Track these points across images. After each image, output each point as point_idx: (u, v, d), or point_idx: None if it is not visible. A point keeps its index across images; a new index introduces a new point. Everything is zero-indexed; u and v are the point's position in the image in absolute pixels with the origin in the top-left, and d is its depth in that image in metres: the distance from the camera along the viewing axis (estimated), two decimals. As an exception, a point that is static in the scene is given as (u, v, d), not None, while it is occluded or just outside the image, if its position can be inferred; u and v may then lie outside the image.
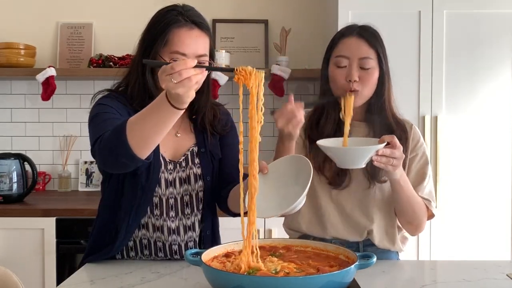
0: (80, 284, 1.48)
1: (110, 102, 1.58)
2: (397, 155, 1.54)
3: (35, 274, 2.77)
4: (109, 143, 1.38)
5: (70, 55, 3.37)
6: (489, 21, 2.81)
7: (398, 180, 1.61)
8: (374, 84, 1.69)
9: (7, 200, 2.97)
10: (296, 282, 1.19)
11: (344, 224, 1.71)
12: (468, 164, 2.83)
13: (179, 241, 1.66)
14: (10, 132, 3.43)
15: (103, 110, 1.55)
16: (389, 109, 1.72)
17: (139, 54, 1.62)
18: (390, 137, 1.55)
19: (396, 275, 1.61)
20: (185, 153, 1.67)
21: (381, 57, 1.68)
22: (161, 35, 1.55)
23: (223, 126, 1.75)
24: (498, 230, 2.83)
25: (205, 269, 1.27)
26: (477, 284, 1.46)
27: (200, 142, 1.70)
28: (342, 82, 1.67)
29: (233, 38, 3.40)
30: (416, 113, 2.82)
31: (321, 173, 1.71)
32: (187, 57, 1.54)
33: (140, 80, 1.60)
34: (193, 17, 1.58)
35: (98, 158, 1.46)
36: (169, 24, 1.55)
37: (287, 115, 1.53)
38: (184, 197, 1.66)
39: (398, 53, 2.78)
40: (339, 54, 1.69)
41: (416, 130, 1.78)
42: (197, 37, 1.57)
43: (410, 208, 1.67)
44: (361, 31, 1.70)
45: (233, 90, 3.43)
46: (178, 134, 1.69)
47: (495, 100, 2.83)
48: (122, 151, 1.35)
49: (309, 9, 3.44)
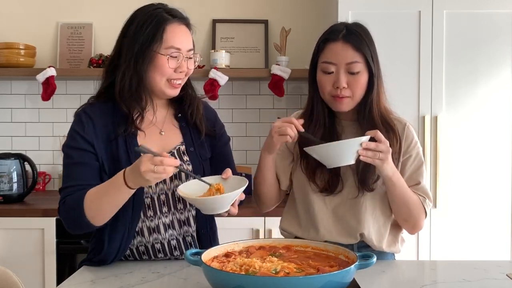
0: (80, 284, 1.48)
1: (79, 127, 1.61)
2: (383, 149, 1.54)
3: (35, 274, 2.77)
4: (69, 214, 1.55)
5: (70, 55, 3.37)
6: (489, 21, 2.81)
7: (390, 177, 1.60)
8: (363, 87, 1.66)
9: (7, 200, 2.97)
10: (296, 282, 1.19)
11: (336, 227, 1.70)
12: (468, 164, 2.83)
13: (176, 235, 1.66)
14: (10, 132, 3.44)
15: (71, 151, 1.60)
16: (377, 110, 1.69)
17: (130, 52, 1.60)
18: (373, 132, 1.55)
19: (396, 275, 1.62)
20: (171, 150, 1.68)
21: (368, 59, 1.64)
22: (157, 32, 1.58)
23: (211, 126, 1.77)
24: (498, 230, 2.83)
25: (205, 269, 1.28)
26: (477, 284, 1.46)
27: (187, 141, 1.71)
28: (329, 88, 1.65)
29: (233, 38, 3.40)
30: (416, 113, 2.82)
31: (312, 181, 1.70)
32: (181, 51, 1.60)
33: (133, 79, 1.60)
34: (178, 13, 1.65)
35: (62, 221, 1.60)
36: (162, 21, 1.59)
37: (284, 128, 1.57)
38: (175, 192, 1.65)
39: (398, 53, 2.81)
40: (325, 60, 1.65)
41: (409, 130, 1.74)
42: (185, 32, 1.64)
43: (404, 206, 1.67)
44: (347, 35, 1.64)
45: (233, 90, 3.44)
46: (162, 132, 1.70)
47: (495, 100, 2.83)
48: (80, 222, 1.53)
49: (309, 9, 3.45)
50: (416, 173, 1.73)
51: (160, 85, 1.62)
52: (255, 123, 3.44)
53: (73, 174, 1.58)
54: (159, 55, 1.58)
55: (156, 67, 1.59)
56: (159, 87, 1.62)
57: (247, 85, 3.45)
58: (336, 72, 1.64)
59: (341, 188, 1.69)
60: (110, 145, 1.61)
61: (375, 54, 1.67)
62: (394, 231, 1.75)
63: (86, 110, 1.65)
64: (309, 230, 1.72)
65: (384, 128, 1.67)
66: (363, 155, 1.53)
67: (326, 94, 1.67)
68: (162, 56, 1.58)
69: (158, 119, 1.70)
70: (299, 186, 1.76)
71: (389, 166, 1.58)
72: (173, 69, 1.60)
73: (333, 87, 1.64)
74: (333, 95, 1.65)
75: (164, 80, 1.61)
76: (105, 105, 1.65)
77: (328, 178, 1.68)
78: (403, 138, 1.72)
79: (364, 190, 1.67)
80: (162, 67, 1.59)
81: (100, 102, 1.67)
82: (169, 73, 1.61)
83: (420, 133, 2.80)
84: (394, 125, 1.71)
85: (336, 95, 1.64)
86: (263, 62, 3.38)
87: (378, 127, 1.66)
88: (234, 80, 3.34)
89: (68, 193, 1.56)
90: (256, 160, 1.85)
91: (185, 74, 1.64)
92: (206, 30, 3.36)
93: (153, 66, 1.60)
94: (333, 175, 1.68)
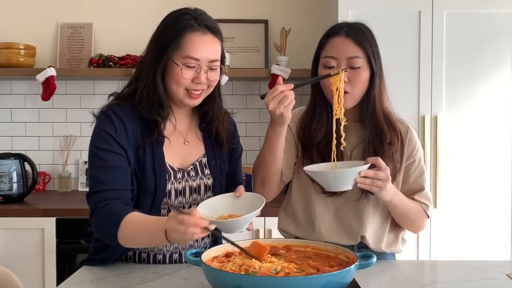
0: (80, 284, 1.48)
1: (111, 129, 1.53)
2: (381, 177, 1.53)
3: (35, 274, 2.77)
4: (103, 225, 1.49)
5: (70, 55, 3.37)
6: (489, 21, 2.81)
7: (390, 201, 1.61)
8: (364, 83, 1.65)
9: (7, 200, 2.97)
10: (296, 282, 1.19)
11: (337, 228, 1.70)
12: (468, 164, 2.83)
13: (180, 249, 1.64)
14: (10, 132, 3.43)
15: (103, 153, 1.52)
16: (380, 109, 1.68)
17: (151, 58, 1.56)
18: (374, 159, 1.54)
19: (396, 275, 1.61)
20: (193, 162, 1.65)
21: (370, 56, 1.63)
22: (175, 40, 1.51)
23: (230, 139, 1.73)
24: (498, 230, 2.83)
25: (205, 269, 1.27)
26: (477, 284, 1.46)
27: (210, 154, 1.67)
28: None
29: (233, 38, 3.40)
30: (416, 113, 2.82)
31: (315, 183, 1.68)
32: (200, 61, 1.53)
33: (151, 85, 1.55)
34: (206, 21, 1.55)
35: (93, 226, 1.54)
36: (182, 29, 1.52)
37: (278, 96, 1.50)
38: (192, 206, 1.62)
39: (398, 53, 2.80)
40: (326, 54, 1.65)
41: (412, 134, 1.73)
42: (210, 42, 1.55)
43: (406, 220, 1.70)
44: (348, 30, 1.64)
45: (233, 90, 3.44)
46: (187, 141, 1.66)
47: (495, 100, 2.83)
48: (110, 236, 1.47)
49: (309, 9, 3.44)
50: (421, 178, 1.73)
51: (178, 94, 1.56)
52: (255, 123, 3.44)
53: (107, 178, 1.51)
54: (174, 64, 1.52)
55: (171, 76, 1.53)
56: (177, 96, 1.56)
57: (247, 85, 3.45)
58: (337, 67, 1.63)
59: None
60: (138, 152, 1.56)
61: (377, 53, 1.67)
62: (394, 232, 1.75)
63: (116, 111, 1.56)
64: (308, 230, 1.72)
65: (386, 126, 1.66)
66: (361, 183, 1.52)
67: (328, 89, 1.65)
68: (176, 65, 1.52)
69: (183, 127, 1.66)
70: (299, 185, 1.75)
71: (388, 192, 1.58)
72: (190, 79, 1.53)
73: None
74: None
75: (182, 89, 1.54)
76: (133, 109, 1.57)
77: None
78: (406, 142, 1.71)
79: (367, 192, 1.66)
80: (176, 76, 1.52)
81: (128, 104, 1.59)
82: (186, 84, 1.53)
83: (420, 133, 2.80)
84: (396, 125, 1.71)
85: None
86: (263, 62, 3.38)
87: (381, 126, 1.66)
88: (234, 80, 3.33)
89: (102, 198, 1.49)
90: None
91: (206, 85, 1.56)
92: (206, 30, 3.36)
93: (169, 74, 1.54)
94: None
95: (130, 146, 1.54)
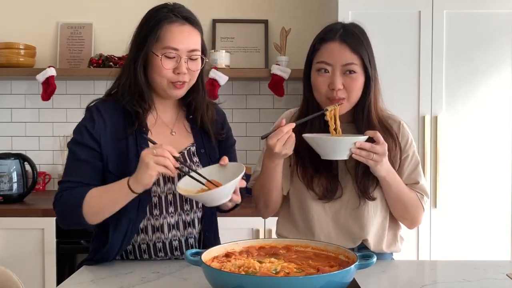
0: (80, 284, 1.48)
1: (89, 124, 1.60)
2: (378, 150, 1.53)
3: (35, 274, 2.77)
4: (65, 206, 1.55)
5: (70, 55, 3.37)
6: (489, 21, 2.81)
7: (384, 177, 1.60)
8: (359, 89, 1.62)
9: (7, 200, 2.97)
10: (296, 282, 1.19)
11: (337, 234, 1.68)
12: (468, 164, 2.83)
13: (179, 236, 1.66)
14: (10, 132, 3.43)
15: (76, 146, 1.60)
16: (375, 112, 1.66)
17: (132, 52, 1.63)
18: (373, 133, 1.54)
19: (396, 275, 1.61)
20: (181, 150, 1.67)
21: (366, 62, 1.61)
22: (153, 31, 1.57)
23: (219, 130, 1.75)
24: (498, 230, 2.83)
25: (205, 269, 1.27)
26: (477, 284, 1.46)
27: (198, 142, 1.70)
28: (325, 89, 1.61)
29: (233, 38, 3.40)
30: (416, 113, 2.82)
31: (310, 189, 1.67)
32: (179, 51, 1.57)
33: (132, 77, 1.61)
34: (184, 13, 1.61)
35: (56, 215, 1.61)
36: (160, 21, 1.58)
37: (283, 138, 1.51)
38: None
39: (398, 53, 2.80)
40: (321, 60, 1.62)
41: (404, 129, 1.72)
42: (188, 32, 1.60)
43: (401, 204, 1.67)
44: (343, 35, 1.60)
45: (233, 90, 3.44)
46: (173, 132, 1.69)
47: (495, 100, 2.83)
48: (73, 216, 1.53)
49: (309, 9, 3.45)
50: (414, 172, 1.72)
51: (162, 85, 1.61)
52: (255, 123, 3.44)
53: (75, 171, 1.59)
54: (154, 55, 1.57)
55: (153, 68, 1.59)
56: (162, 87, 1.61)
57: (247, 85, 3.45)
58: (332, 73, 1.61)
59: (340, 193, 1.67)
60: (120, 144, 1.60)
61: (372, 57, 1.64)
62: (392, 230, 1.74)
63: (99, 107, 1.64)
64: (307, 236, 1.70)
65: (382, 131, 1.64)
66: (356, 154, 1.52)
67: (321, 96, 1.64)
68: (156, 56, 1.57)
69: (169, 119, 1.70)
70: (296, 193, 1.73)
71: (383, 167, 1.57)
72: (171, 70, 1.58)
73: (328, 88, 1.61)
74: (328, 97, 1.62)
75: (165, 81, 1.60)
76: (117, 103, 1.64)
77: (327, 184, 1.66)
78: (399, 137, 1.70)
79: (365, 199, 1.66)
80: (157, 67, 1.58)
81: (113, 99, 1.66)
82: (168, 75, 1.58)
83: (420, 133, 2.80)
84: (391, 128, 1.70)
85: (332, 96, 1.61)
86: (263, 62, 3.38)
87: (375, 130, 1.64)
88: (234, 80, 3.34)
89: (67, 187, 1.57)
90: (256, 160, 1.85)
91: (188, 76, 1.60)
92: (206, 30, 3.36)
93: (150, 67, 1.59)
94: (331, 181, 1.66)
95: (108, 139, 1.59)
